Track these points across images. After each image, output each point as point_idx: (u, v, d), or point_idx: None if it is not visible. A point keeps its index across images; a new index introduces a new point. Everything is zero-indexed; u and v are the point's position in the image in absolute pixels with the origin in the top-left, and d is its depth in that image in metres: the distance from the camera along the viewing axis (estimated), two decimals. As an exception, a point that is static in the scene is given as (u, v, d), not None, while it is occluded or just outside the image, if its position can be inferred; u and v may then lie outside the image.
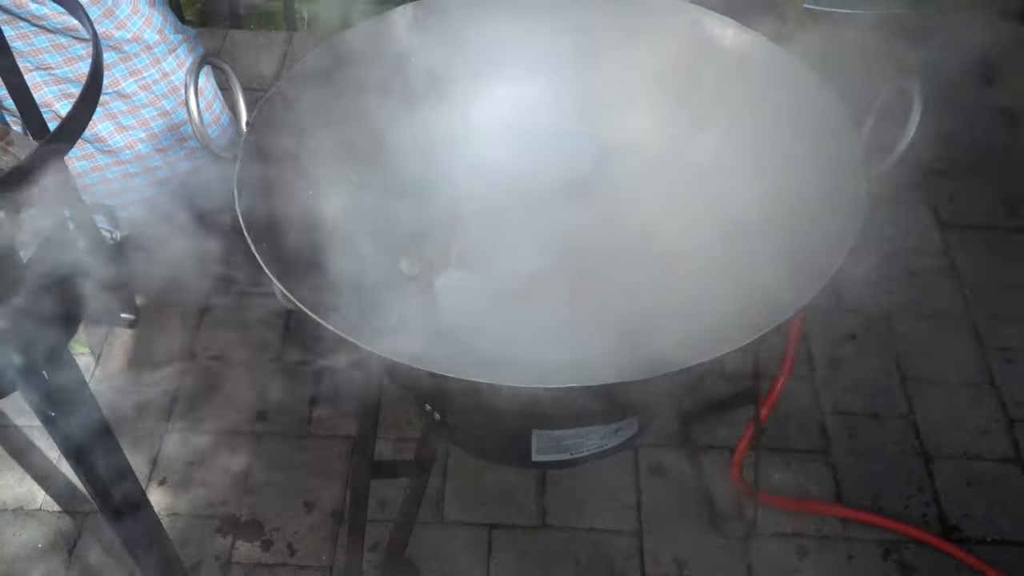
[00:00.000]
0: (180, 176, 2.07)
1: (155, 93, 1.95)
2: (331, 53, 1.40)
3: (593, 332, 1.35)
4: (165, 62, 1.92)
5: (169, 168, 2.05)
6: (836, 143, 1.24)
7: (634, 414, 1.30)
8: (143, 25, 1.87)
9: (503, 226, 1.47)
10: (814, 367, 2.07)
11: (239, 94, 1.27)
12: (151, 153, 2.01)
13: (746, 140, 1.37)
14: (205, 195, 2.07)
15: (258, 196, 1.23)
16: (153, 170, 2.04)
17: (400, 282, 1.40)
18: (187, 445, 1.94)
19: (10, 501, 1.86)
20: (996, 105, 2.59)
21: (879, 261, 2.24)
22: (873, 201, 1.16)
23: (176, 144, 2.02)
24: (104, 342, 2.11)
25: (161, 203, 2.08)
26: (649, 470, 1.90)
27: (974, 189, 2.42)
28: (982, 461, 1.91)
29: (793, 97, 1.32)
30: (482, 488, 1.87)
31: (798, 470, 1.90)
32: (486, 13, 1.47)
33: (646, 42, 1.44)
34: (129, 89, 1.92)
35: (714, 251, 1.36)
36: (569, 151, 1.51)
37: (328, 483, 1.88)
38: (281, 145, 1.31)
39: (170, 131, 2.00)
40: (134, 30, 1.86)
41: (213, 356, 2.09)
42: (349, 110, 1.42)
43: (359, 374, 1.11)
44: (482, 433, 1.43)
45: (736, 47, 1.39)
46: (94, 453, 1.44)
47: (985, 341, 2.12)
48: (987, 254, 2.28)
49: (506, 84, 1.50)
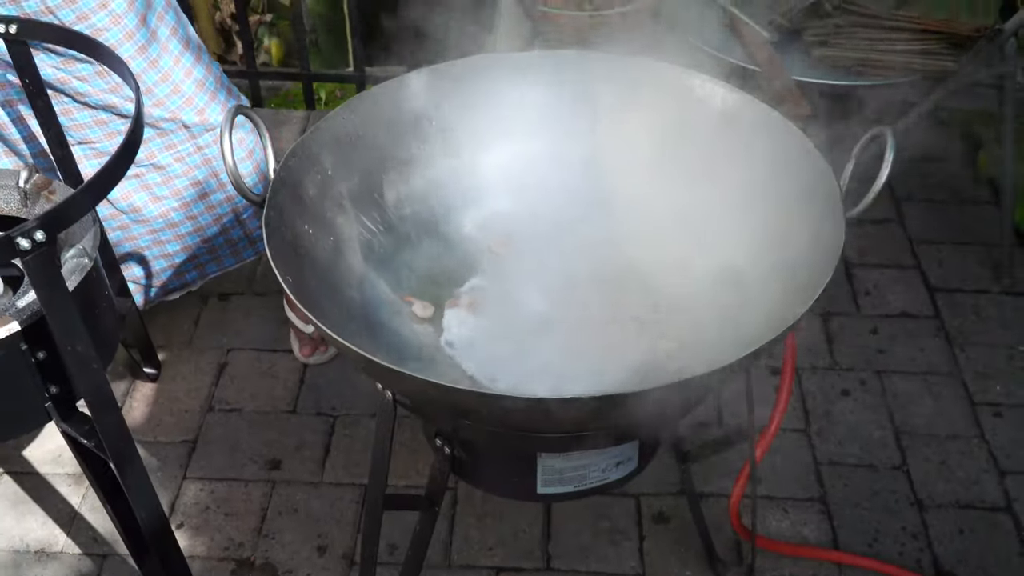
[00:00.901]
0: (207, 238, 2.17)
1: (189, 164, 2.06)
2: (352, 111, 1.52)
3: (593, 369, 1.44)
4: (201, 138, 2.03)
5: (199, 234, 2.15)
6: (816, 189, 1.35)
7: (635, 436, 1.38)
8: (182, 105, 1.98)
9: (509, 272, 1.57)
10: (809, 421, 2.14)
11: (268, 145, 1.39)
12: (183, 220, 2.12)
13: (735, 189, 1.48)
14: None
15: (283, 236, 1.34)
16: (183, 236, 2.15)
17: (412, 322, 1.50)
18: (204, 491, 2.01)
19: (33, 543, 1.93)
20: (980, 174, 2.71)
21: (873, 324, 2.34)
22: (866, 268, 1.26)
23: (206, 211, 2.13)
24: (126, 394, 2.20)
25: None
26: (651, 516, 1.96)
27: (962, 254, 2.53)
28: (974, 510, 1.98)
29: (777, 149, 1.43)
30: (489, 533, 1.93)
31: (795, 518, 1.97)
32: (495, 76, 1.60)
33: (643, 102, 1.56)
34: (164, 161, 2.03)
35: (707, 292, 1.46)
36: (571, 203, 1.61)
37: (340, 528, 1.95)
38: (305, 192, 1.42)
39: (201, 199, 2.10)
40: (172, 109, 1.97)
41: (230, 408, 2.18)
42: (367, 163, 1.53)
43: (372, 406, 1.19)
44: (490, 464, 1.50)
45: (725, 106, 1.51)
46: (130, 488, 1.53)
47: (975, 397, 2.19)
48: (975, 315, 2.37)
49: (513, 141, 1.62)
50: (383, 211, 1.55)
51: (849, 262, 2.49)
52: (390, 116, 1.56)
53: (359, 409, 2.17)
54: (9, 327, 1.43)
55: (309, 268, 1.38)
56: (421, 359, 1.44)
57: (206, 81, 2.02)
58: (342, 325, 1.34)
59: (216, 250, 2.20)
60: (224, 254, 2.22)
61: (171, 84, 1.96)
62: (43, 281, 1.28)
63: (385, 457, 1.48)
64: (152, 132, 1.99)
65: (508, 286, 1.55)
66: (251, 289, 2.46)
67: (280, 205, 1.35)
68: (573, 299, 1.53)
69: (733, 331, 1.39)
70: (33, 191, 1.66)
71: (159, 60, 1.93)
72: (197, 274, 2.24)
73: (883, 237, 2.57)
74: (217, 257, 2.22)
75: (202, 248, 2.18)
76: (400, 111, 1.57)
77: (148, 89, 1.93)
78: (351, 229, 1.50)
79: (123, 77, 1.53)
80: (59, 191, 1.64)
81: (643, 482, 1.99)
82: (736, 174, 1.49)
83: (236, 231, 2.19)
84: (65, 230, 1.46)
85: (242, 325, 2.37)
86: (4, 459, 2.08)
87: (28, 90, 1.75)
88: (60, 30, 1.68)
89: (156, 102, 1.95)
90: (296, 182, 1.41)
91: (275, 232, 1.31)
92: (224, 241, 2.20)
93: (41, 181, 1.66)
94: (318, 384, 2.23)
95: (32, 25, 1.67)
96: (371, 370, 1.21)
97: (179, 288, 2.27)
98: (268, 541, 1.93)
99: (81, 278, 1.51)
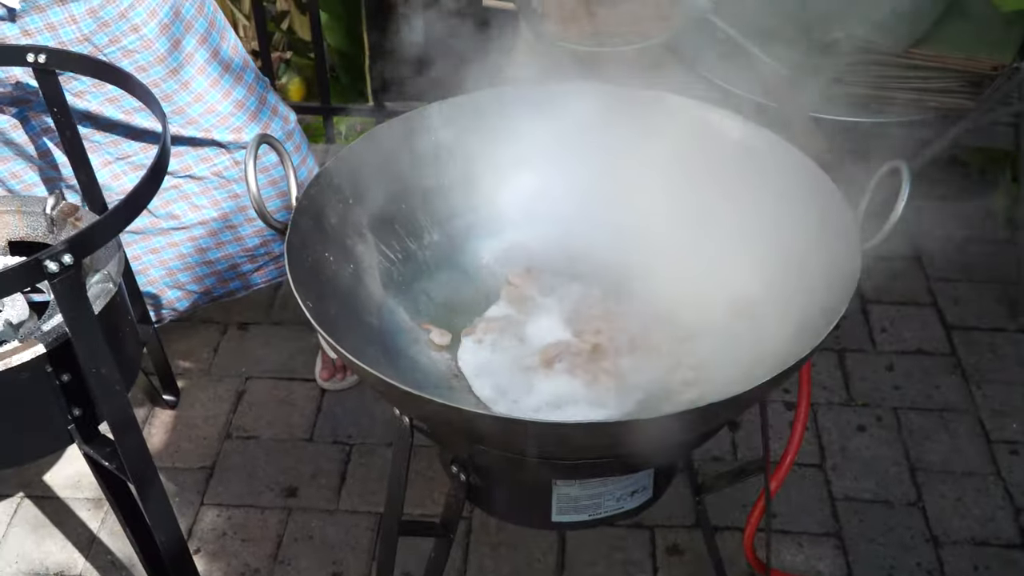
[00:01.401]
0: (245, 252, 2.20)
1: (226, 178, 2.09)
2: (372, 142, 1.55)
3: (609, 400, 1.45)
4: (238, 154, 2.07)
5: (239, 243, 2.19)
6: (832, 222, 1.36)
7: (650, 465, 1.39)
8: (217, 123, 2.02)
9: (526, 301, 1.59)
10: (825, 456, 2.14)
11: (291, 173, 1.41)
12: (222, 229, 2.14)
13: (751, 221, 1.49)
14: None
15: (305, 263, 1.36)
16: (224, 244, 2.18)
17: (429, 349, 1.52)
18: (221, 517, 2.03)
19: (52, 567, 1.94)
20: (997, 212, 2.72)
21: (889, 360, 2.34)
22: (882, 305, 1.26)
23: (246, 222, 2.15)
24: (146, 421, 2.22)
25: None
26: (665, 548, 1.96)
27: (978, 292, 2.53)
28: (989, 547, 1.97)
29: (793, 182, 1.44)
30: (503, 562, 1.94)
31: (810, 552, 1.96)
32: (512, 109, 1.62)
33: (659, 135, 1.58)
34: (200, 173, 2.07)
35: (722, 322, 1.47)
36: (588, 234, 1.63)
37: (355, 555, 1.95)
38: (326, 221, 1.45)
39: (240, 211, 2.13)
40: (206, 127, 2.01)
41: (248, 435, 2.20)
42: (387, 193, 1.56)
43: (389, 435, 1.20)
44: (505, 491, 1.51)
45: (741, 139, 1.53)
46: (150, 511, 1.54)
47: (991, 435, 2.19)
48: (991, 353, 2.37)
49: (530, 172, 1.64)
50: (402, 240, 1.57)
51: (865, 299, 2.50)
52: (409, 147, 1.58)
53: (375, 438, 2.19)
54: (35, 350, 1.46)
55: (330, 294, 1.40)
56: (438, 386, 1.45)
57: (247, 102, 2.06)
58: (361, 350, 1.35)
59: (258, 259, 2.23)
60: (267, 264, 2.24)
61: (205, 104, 2.00)
62: (70, 304, 1.31)
63: (401, 484, 1.49)
64: (187, 147, 2.03)
65: (524, 315, 1.57)
66: (269, 318, 2.49)
67: (302, 232, 1.37)
68: (589, 329, 1.54)
69: (748, 361, 1.40)
70: (60, 218, 1.70)
71: (191, 82, 1.97)
72: (240, 284, 2.27)
73: (899, 274, 2.57)
74: (260, 267, 2.25)
75: (243, 257, 2.21)
76: (419, 142, 1.59)
77: (180, 109, 1.98)
78: (371, 257, 1.52)
79: (149, 106, 1.57)
80: (85, 218, 1.67)
81: (657, 514, 1.99)
82: (752, 207, 1.50)
83: (278, 244, 2.20)
84: (91, 255, 1.49)
85: (260, 353, 2.40)
86: (25, 483, 2.10)
87: (56, 120, 1.79)
88: (88, 60, 1.72)
89: (188, 120, 2.00)
90: (318, 211, 1.43)
91: (297, 258, 1.33)
92: (265, 252, 2.22)
93: (68, 208, 1.70)
94: (335, 412, 2.25)
95: (61, 55, 1.71)
96: (390, 395, 1.23)
97: (225, 295, 2.29)
98: (284, 567, 1.94)
99: (106, 302, 1.54)
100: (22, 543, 1.98)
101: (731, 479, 1.71)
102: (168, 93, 1.93)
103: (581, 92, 1.63)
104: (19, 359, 1.45)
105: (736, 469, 1.69)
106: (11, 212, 1.73)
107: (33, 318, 1.63)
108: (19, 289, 1.28)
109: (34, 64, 1.69)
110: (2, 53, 1.73)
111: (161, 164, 1.44)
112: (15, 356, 1.45)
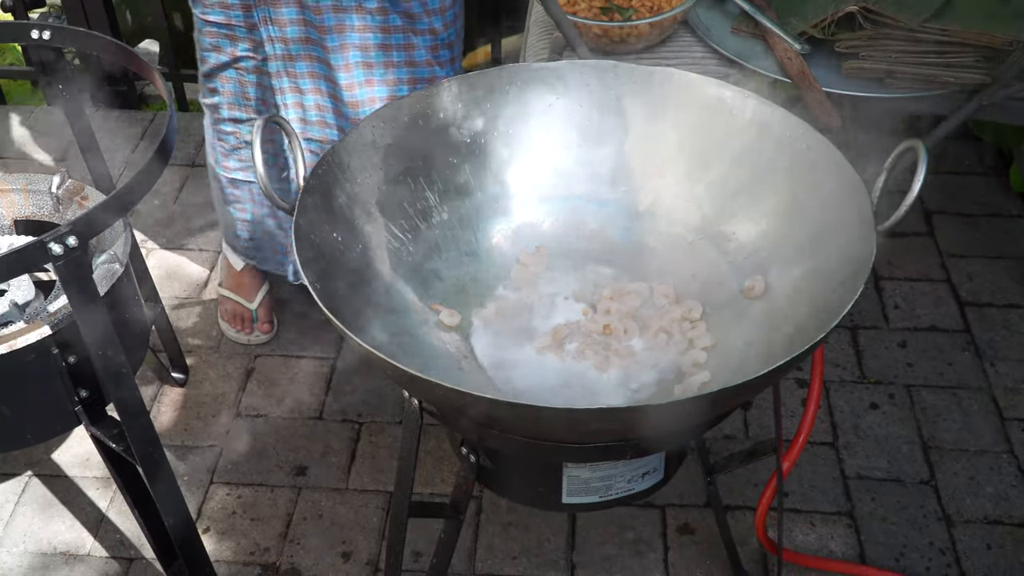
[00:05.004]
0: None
1: None
2: (381, 121, 1.53)
3: (621, 382, 1.44)
4: None
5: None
6: (847, 202, 1.34)
7: (662, 448, 1.38)
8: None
9: (537, 282, 1.57)
10: (837, 435, 2.13)
11: (299, 154, 1.39)
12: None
13: (765, 200, 1.47)
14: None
15: (313, 243, 1.34)
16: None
17: (439, 330, 1.50)
18: (230, 496, 2.02)
19: (60, 546, 1.94)
20: (1011, 188, 2.69)
21: (902, 337, 2.32)
22: (895, 281, 1.24)
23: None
24: (155, 399, 2.21)
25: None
26: (676, 528, 1.95)
27: (992, 269, 2.50)
28: (1002, 525, 1.95)
29: (808, 161, 1.42)
30: (514, 541, 1.93)
31: (822, 531, 1.95)
32: (524, 86, 1.60)
33: (673, 112, 1.56)
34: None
35: (735, 304, 1.45)
36: (600, 213, 1.61)
37: (365, 534, 1.95)
38: (334, 200, 1.43)
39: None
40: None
41: (257, 414, 2.19)
42: (396, 172, 1.54)
43: (398, 413, 1.19)
44: (515, 473, 1.50)
45: (756, 117, 1.50)
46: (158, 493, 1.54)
47: (1004, 412, 2.17)
48: (1005, 330, 2.35)
49: (542, 151, 1.61)
50: (411, 219, 1.55)
51: (878, 275, 2.47)
52: (419, 126, 1.56)
53: (385, 416, 2.18)
54: (40, 331, 1.45)
55: (338, 274, 1.39)
56: (447, 367, 1.44)
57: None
58: (369, 332, 1.34)
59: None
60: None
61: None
62: (75, 286, 1.30)
63: (411, 464, 1.48)
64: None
65: (535, 295, 1.55)
66: (278, 295, 2.47)
67: (310, 212, 1.36)
68: (599, 309, 1.53)
69: (761, 343, 1.38)
70: (65, 197, 1.68)
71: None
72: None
73: (913, 250, 2.55)
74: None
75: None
76: (429, 121, 1.57)
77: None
78: (379, 237, 1.50)
79: (156, 86, 1.55)
80: (91, 196, 1.66)
81: (669, 494, 1.98)
82: (766, 185, 1.48)
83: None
84: (97, 236, 1.48)
85: (269, 331, 2.39)
86: (33, 462, 2.09)
87: (64, 98, 1.77)
88: (95, 38, 1.69)
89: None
90: (326, 190, 1.41)
91: (304, 238, 1.32)
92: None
93: (74, 187, 1.68)
94: (344, 391, 2.24)
95: (65, 32, 1.69)
96: (398, 377, 1.21)
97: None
98: (293, 547, 1.94)
99: (112, 283, 1.52)
100: (30, 522, 1.98)
101: (743, 459, 1.70)
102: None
103: (593, 69, 1.60)
104: (25, 340, 1.44)
105: (748, 449, 1.68)
106: (17, 191, 1.72)
107: (39, 298, 1.62)
108: (23, 272, 1.26)
109: (38, 41, 1.67)
110: (5, 30, 1.70)
111: (166, 144, 1.42)
112: (21, 337, 1.44)
